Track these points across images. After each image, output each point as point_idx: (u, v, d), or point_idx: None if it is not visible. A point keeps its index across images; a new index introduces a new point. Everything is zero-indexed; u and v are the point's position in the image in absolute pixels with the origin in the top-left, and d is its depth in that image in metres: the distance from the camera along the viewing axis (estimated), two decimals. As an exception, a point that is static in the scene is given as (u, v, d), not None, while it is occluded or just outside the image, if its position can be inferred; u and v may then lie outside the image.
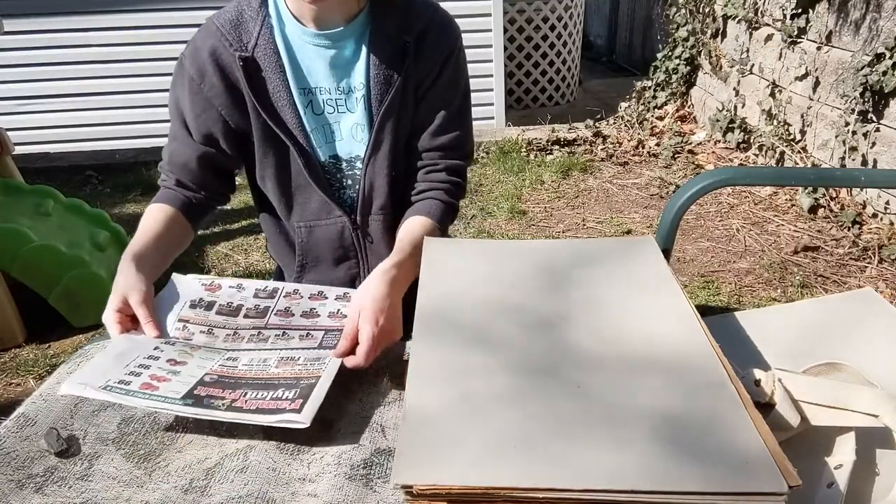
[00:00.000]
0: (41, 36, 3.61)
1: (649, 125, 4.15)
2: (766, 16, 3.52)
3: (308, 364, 0.80)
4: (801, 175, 1.81)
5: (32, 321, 2.24)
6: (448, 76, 1.04)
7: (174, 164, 1.04)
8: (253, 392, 0.75)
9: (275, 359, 0.81)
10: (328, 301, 0.92)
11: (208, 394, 0.74)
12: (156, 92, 3.76)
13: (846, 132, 2.85)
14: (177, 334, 0.85)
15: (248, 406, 0.72)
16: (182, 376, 0.76)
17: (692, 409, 0.58)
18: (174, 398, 0.73)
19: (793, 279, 2.50)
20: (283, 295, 0.93)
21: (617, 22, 6.62)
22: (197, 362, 0.80)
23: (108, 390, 0.72)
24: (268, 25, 0.98)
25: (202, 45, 0.98)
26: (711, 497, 0.50)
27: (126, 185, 3.55)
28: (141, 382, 0.74)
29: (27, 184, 2.57)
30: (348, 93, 1.02)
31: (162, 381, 0.75)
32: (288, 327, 0.88)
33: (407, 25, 1.00)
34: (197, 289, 0.93)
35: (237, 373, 0.79)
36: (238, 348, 0.84)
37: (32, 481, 0.68)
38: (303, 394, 0.73)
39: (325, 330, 0.87)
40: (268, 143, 1.01)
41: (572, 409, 0.59)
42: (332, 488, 0.66)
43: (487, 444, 0.55)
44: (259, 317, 0.89)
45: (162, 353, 0.80)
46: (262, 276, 2.53)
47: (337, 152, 1.05)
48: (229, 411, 0.71)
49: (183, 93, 1.00)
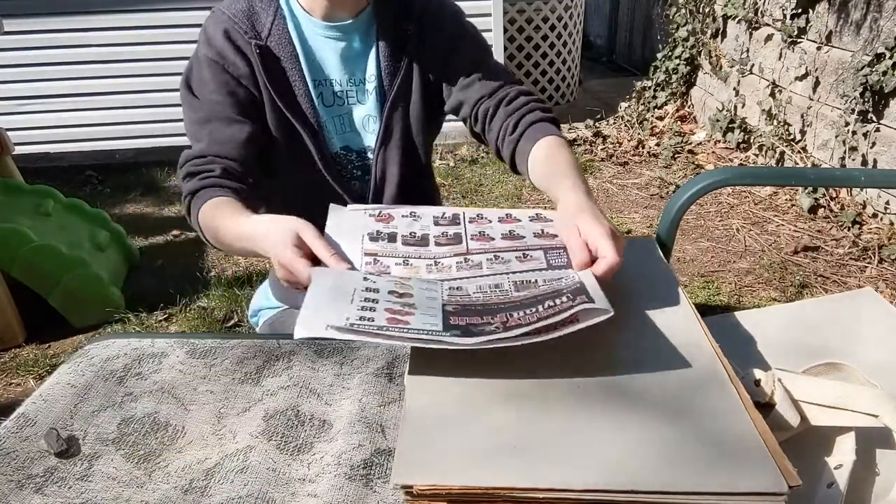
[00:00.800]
0: (41, 36, 3.61)
1: (649, 125, 4.14)
2: (766, 16, 3.52)
3: (553, 283, 0.69)
4: (801, 175, 1.81)
5: (32, 321, 2.24)
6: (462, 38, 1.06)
7: (216, 141, 0.97)
8: (518, 312, 0.63)
9: (507, 283, 0.71)
10: (524, 222, 0.82)
11: (468, 322, 0.62)
12: (156, 92, 3.76)
13: (846, 132, 2.85)
14: (369, 269, 0.73)
15: (527, 320, 0.61)
16: (422, 308, 0.64)
17: (692, 409, 0.58)
18: (437, 330, 0.61)
19: (793, 279, 2.50)
20: (468, 221, 0.82)
21: (617, 22, 6.62)
22: (419, 294, 0.67)
23: (354, 330, 0.60)
24: (281, 16, 0.99)
25: (214, 32, 0.98)
26: (711, 497, 0.50)
27: (126, 185, 3.55)
28: (386, 317, 0.62)
29: (27, 184, 2.58)
30: (359, 84, 1.03)
31: (406, 315, 0.63)
32: (496, 250, 0.77)
33: (405, 14, 1.03)
34: (366, 221, 0.81)
35: (477, 300, 0.67)
36: (451, 277, 0.73)
37: (32, 482, 0.68)
38: (576, 292, 0.64)
39: (543, 249, 0.76)
40: (281, 132, 1.01)
41: (572, 408, 0.59)
42: (332, 488, 0.66)
43: (487, 443, 0.55)
44: (453, 243, 0.78)
45: (377, 285, 0.68)
46: (263, 276, 2.53)
47: (348, 143, 1.06)
48: (509, 330, 0.60)
49: (206, 79, 0.98)
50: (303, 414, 0.77)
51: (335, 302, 0.64)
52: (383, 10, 1.03)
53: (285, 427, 0.75)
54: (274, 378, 0.84)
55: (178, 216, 3.23)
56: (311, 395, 0.80)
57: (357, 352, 0.89)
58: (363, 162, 1.08)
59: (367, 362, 0.87)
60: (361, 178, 1.08)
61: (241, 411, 0.78)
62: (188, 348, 0.90)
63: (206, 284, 2.54)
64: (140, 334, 1.04)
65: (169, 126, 3.84)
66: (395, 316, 0.62)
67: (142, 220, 3.17)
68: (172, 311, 2.36)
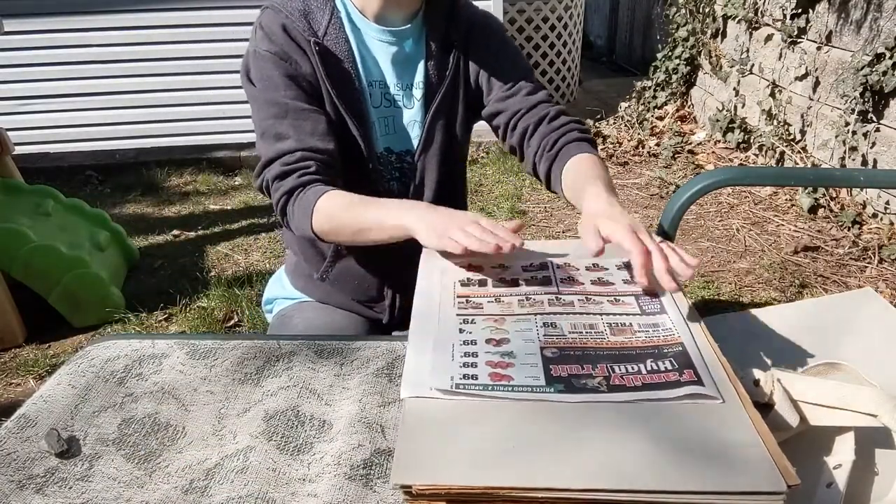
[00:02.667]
0: (41, 36, 3.61)
1: (649, 125, 4.15)
2: (766, 16, 3.52)
3: (649, 330, 0.70)
4: (800, 175, 1.81)
5: (32, 321, 2.24)
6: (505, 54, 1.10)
7: (302, 135, 0.97)
8: (619, 366, 0.64)
9: (601, 324, 0.71)
10: (612, 270, 0.82)
11: (570, 373, 0.63)
12: (156, 92, 3.76)
13: (846, 132, 2.85)
14: (463, 312, 0.74)
15: (630, 383, 0.62)
16: (521, 356, 0.66)
17: (692, 409, 0.58)
18: (540, 386, 0.62)
19: (793, 279, 2.50)
20: (556, 267, 0.83)
21: (617, 22, 6.62)
22: (515, 339, 0.69)
23: (459, 392, 0.61)
24: (337, 17, 1.01)
25: (273, 27, 0.98)
26: (711, 496, 0.50)
27: (126, 185, 3.55)
28: (488, 373, 0.63)
29: (27, 184, 2.58)
30: (406, 89, 1.06)
31: (508, 368, 0.64)
32: (587, 293, 0.77)
33: (452, 26, 1.07)
34: (457, 271, 0.83)
35: (573, 342, 0.68)
36: (544, 311, 0.73)
37: (33, 482, 0.68)
38: (682, 362, 0.64)
39: (635, 295, 0.76)
40: (334, 129, 1.02)
41: (572, 408, 0.59)
42: (332, 488, 0.66)
43: (487, 443, 0.55)
44: (544, 284, 0.79)
45: (473, 336, 0.69)
46: (263, 276, 2.53)
47: (390, 145, 1.08)
48: (614, 392, 0.61)
49: (271, 74, 0.98)
50: (303, 414, 0.77)
51: (436, 358, 0.66)
52: (434, 18, 1.06)
53: (285, 427, 0.75)
54: (274, 378, 0.84)
55: (177, 216, 3.23)
56: (311, 396, 0.80)
57: (357, 352, 0.89)
58: (401, 164, 1.10)
59: (366, 362, 0.87)
60: (399, 179, 1.11)
61: (242, 412, 0.78)
62: (188, 349, 0.90)
63: (206, 284, 2.54)
64: (140, 335, 1.04)
65: (169, 126, 3.84)
66: (496, 370, 0.64)
67: (142, 220, 3.17)
68: (172, 311, 2.36)
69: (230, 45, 3.70)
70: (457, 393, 0.61)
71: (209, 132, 3.88)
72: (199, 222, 3.14)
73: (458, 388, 0.61)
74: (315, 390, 0.82)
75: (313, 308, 1.18)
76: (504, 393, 0.61)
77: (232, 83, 3.80)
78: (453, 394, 0.61)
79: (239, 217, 3.18)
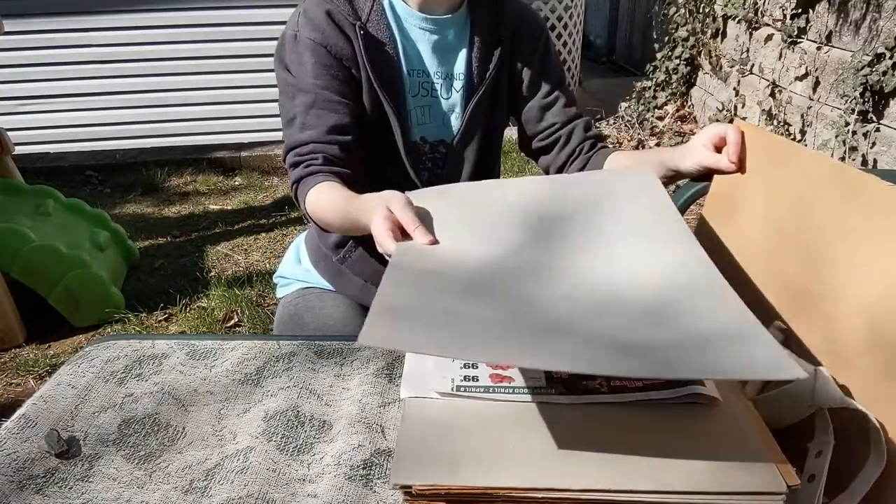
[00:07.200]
0: (41, 36, 3.61)
1: (649, 125, 4.15)
2: (766, 16, 3.52)
3: None
4: (800, 175, 1.80)
5: (32, 321, 2.24)
6: (549, 59, 1.12)
7: (319, 129, 0.98)
8: None
9: None
10: None
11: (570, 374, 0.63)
12: (156, 92, 3.76)
13: (846, 132, 2.85)
14: None
15: (630, 383, 0.61)
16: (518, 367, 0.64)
17: (692, 409, 0.58)
18: (541, 387, 0.62)
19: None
20: None
21: (617, 22, 6.62)
22: None
23: (460, 395, 0.61)
24: (379, 3, 1.01)
25: (316, 13, 0.99)
26: (710, 496, 0.50)
27: (126, 185, 3.55)
28: (489, 374, 0.64)
29: (27, 184, 2.58)
30: (446, 79, 1.06)
31: (508, 370, 0.65)
32: None
33: (500, 21, 1.07)
34: None
35: None
36: None
37: (33, 482, 0.68)
38: None
39: None
40: (372, 114, 1.03)
41: (571, 408, 0.59)
42: (332, 489, 0.66)
43: (486, 443, 0.55)
44: None
45: None
46: (263, 276, 2.54)
47: (424, 135, 1.09)
48: (614, 392, 0.60)
49: (306, 62, 0.99)
50: (303, 414, 0.77)
51: (437, 359, 0.65)
52: (478, 11, 1.07)
53: (285, 427, 0.75)
54: (274, 379, 0.84)
55: (177, 216, 3.23)
56: (311, 396, 0.81)
57: (357, 353, 0.89)
58: (434, 154, 1.10)
59: (366, 363, 0.87)
60: (431, 169, 1.11)
61: (242, 412, 0.78)
62: (188, 349, 0.90)
63: (206, 284, 2.54)
64: (140, 335, 1.04)
65: (169, 126, 3.84)
66: (497, 372, 0.64)
67: (142, 220, 3.17)
68: (172, 312, 2.36)
69: (230, 46, 3.70)
70: (457, 395, 0.61)
71: (209, 132, 3.88)
72: (199, 222, 3.14)
73: (459, 391, 0.62)
74: (315, 390, 0.82)
75: (321, 298, 1.16)
76: (505, 395, 0.61)
77: (232, 83, 3.81)
78: (454, 396, 0.61)
79: (239, 217, 3.19)
